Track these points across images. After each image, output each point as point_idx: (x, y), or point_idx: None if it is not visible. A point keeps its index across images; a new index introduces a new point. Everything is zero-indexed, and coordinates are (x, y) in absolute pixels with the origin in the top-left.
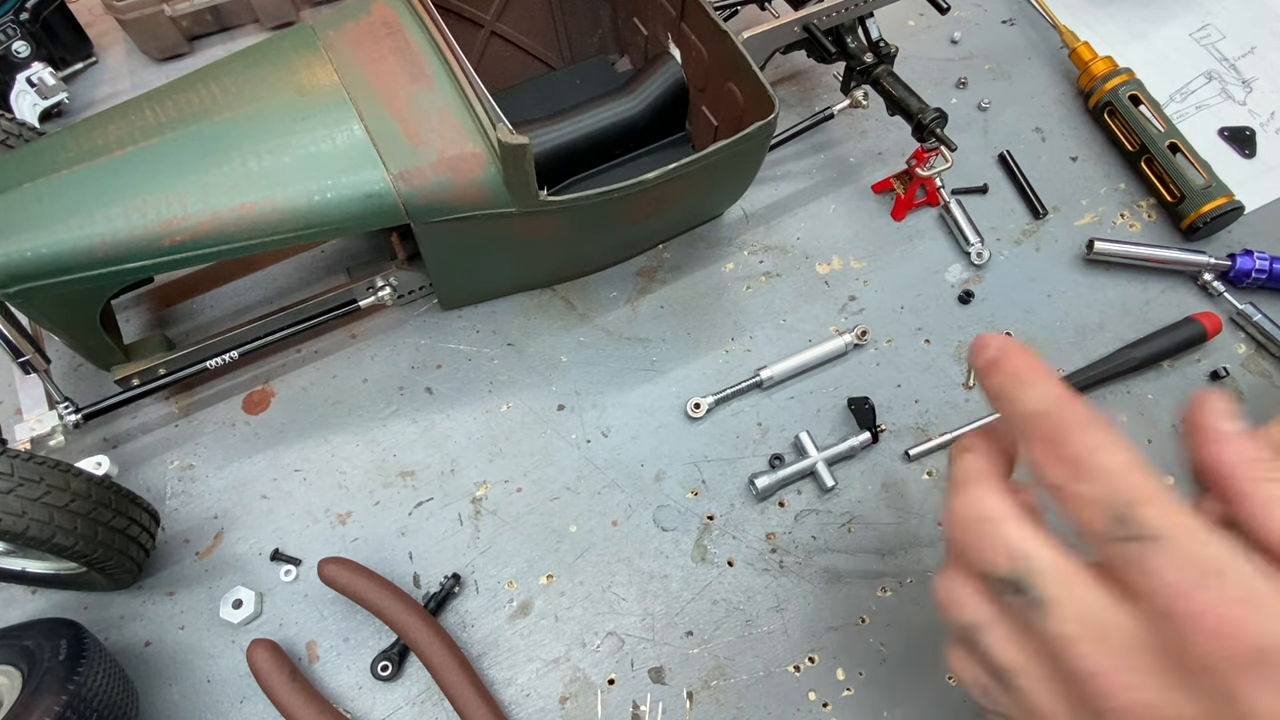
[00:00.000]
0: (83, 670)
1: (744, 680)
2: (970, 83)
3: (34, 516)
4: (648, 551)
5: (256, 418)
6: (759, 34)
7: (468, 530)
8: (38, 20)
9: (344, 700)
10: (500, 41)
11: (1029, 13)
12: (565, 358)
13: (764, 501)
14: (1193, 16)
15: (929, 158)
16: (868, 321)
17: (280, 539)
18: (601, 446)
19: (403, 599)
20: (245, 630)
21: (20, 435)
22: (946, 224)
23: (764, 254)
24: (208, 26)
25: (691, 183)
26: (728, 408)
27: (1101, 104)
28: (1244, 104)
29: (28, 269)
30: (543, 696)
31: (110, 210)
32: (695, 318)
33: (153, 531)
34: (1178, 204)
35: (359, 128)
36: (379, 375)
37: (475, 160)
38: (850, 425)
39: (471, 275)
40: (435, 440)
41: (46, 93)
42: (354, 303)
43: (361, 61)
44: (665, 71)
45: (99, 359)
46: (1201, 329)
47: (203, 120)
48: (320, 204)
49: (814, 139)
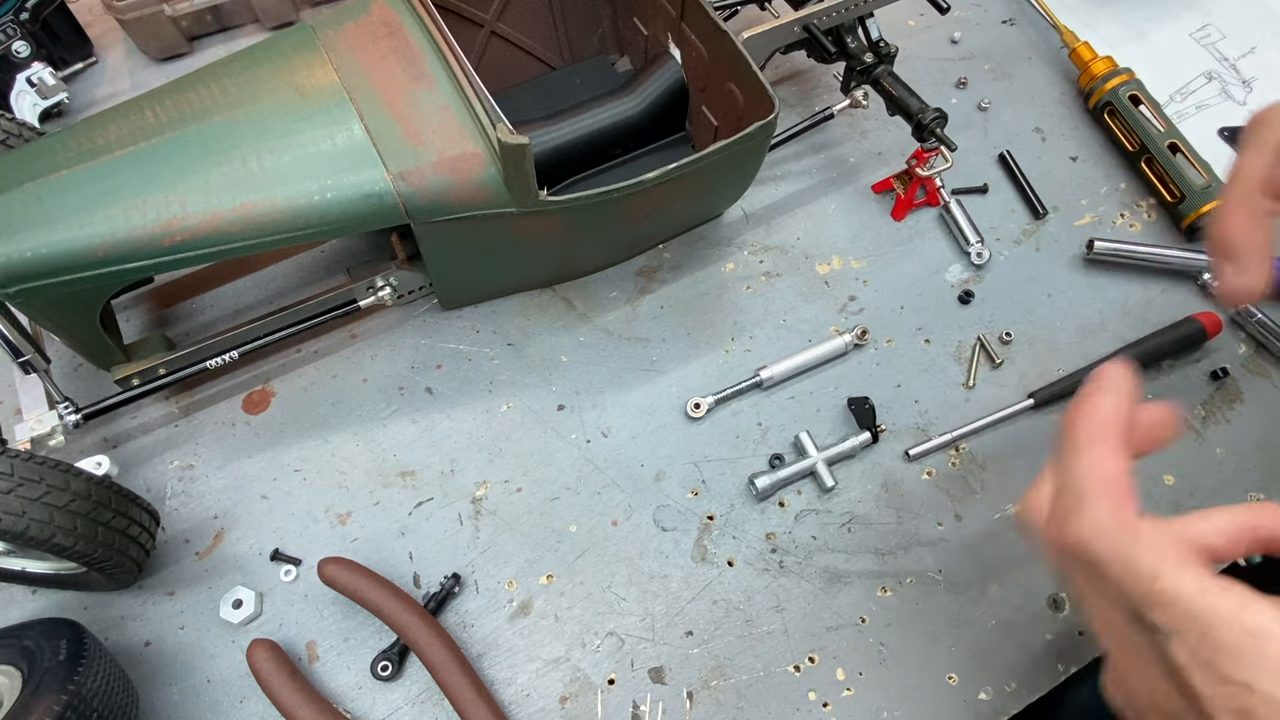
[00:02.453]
0: (83, 670)
1: (744, 680)
2: (970, 83)
3: (34, 516)
4: (648, 551)
5: (256, 418)
6: (759, 34)
7: (468, 530)
8: (38, 20)
9: (344, 700)
10: (500, 41)
11: (1029, 13)
12: (565, 358)
13: (764, 501)
14: (1193, 16)
15: (929, 158)
16: (868, 321)
17: (280, 539)
18: (601, 446)
19: (403, 599)
20: (245, 630)
21: (20, 435)
22: (946, 224)
23: (764, 254)
24: (208, 26)
25: (691, 183)
26: (728, 408)
27: (1101, 104)
28: (1244, 104)
29: (28, 269)
30: (543, 696)
31: (110, 210)
32: (695, 318)
33: (153, 531)
34: (1178, 204)
35: (359, 128)
36: (379, 375)
37: (475, 160)
38: (850, 425)
39: (471, 275)
40: (435, 440)
41: (46, 93)
42: (354, 303)
43: (361, 61)
44: (665, 71)
45: (99, 359)
46: (1201, 329)
47: (203, 120)
48: (320, 204)
49: (814, 139)
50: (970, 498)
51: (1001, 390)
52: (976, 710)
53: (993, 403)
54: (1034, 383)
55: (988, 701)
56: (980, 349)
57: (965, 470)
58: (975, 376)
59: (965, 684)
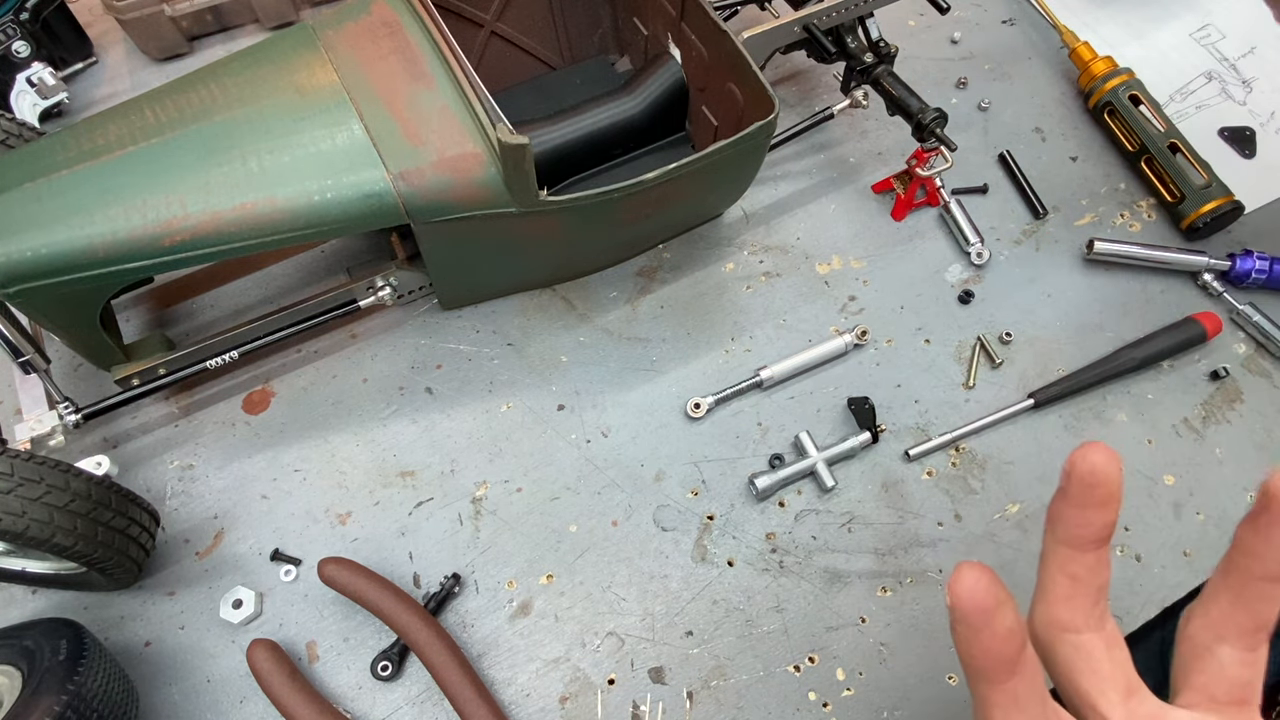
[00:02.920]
0: (83, 670)
1: (744, 680)
2: (970, 83)
3: (34, 516)
4: (648, 551)
5: (256, 418)
6: (759, 34)
7: (468, 530)
8: (38, 20)
9: (344, 700)
10: (500, 41)
11: (1029, 13)
12: (565, 358)
13: (764, 501)
14: (1193, 16)
15: (929, 158)
16: (868, 321)
17: (280, 539)
18: (601, 446)
19: (403, 599)
20: (245, 630)
21: (20, 435)
22: (946, 224)
23: (764, 254)
24: (208, 26)
25: (691, 183)
26: (728, 408)
27: (1101, 104)
28: (1244, 104)
29: (28, 269)
30: (543, 696)
31: (110, 210)
32: (695, 318)
33: (153, 531)
34: (1178, 204)
35: (359, 128)
36: (379, 375)
37: (475, 160)
38: (850, 425)
39: (471, 275)
40: (435, 440)
41: (46, 93)
42: (354, 303)
43: (361, 61)
44: (665, 71)
45: (99, 359)
46: (1201, 329)
47: (202, 120)
48: (320, 204)
49: (814, 139)
50: (970, 498)
51: (1001, 390)
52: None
53: (993, 403)
54: (1034, 383)
55: None
56: (980, 349)
57: (965, 470)
58: (975, 376)
59: (965, 684)
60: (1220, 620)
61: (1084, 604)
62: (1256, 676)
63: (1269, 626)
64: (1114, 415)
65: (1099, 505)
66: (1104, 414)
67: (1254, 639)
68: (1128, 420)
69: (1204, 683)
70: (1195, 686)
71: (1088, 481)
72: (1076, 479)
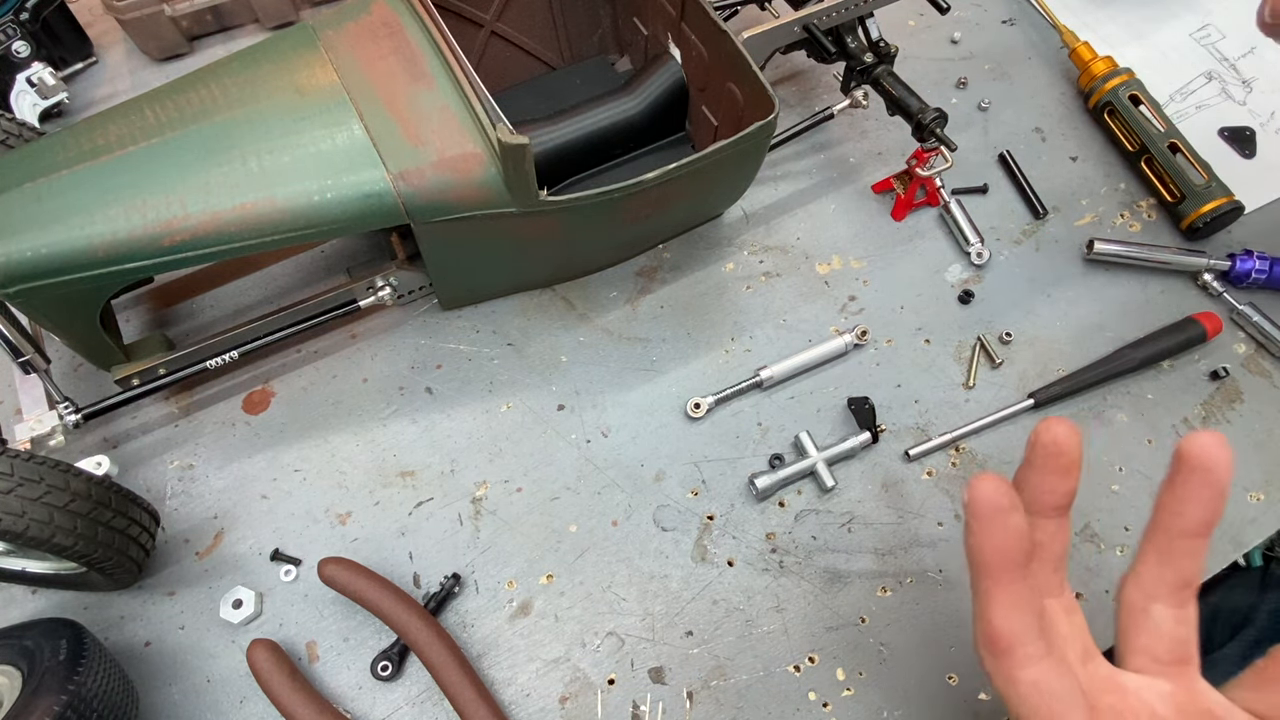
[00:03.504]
0: (83, 670)
1: (744, 680)
2: (970, 83)
3: (34, 516)
4: (648, 551)
5: (256, 418)
6: (759, 34)
7: (468, 530)
8: (38, 20)
9: (344, 700)
10: (500, 41)
11: (1029, 13)
12: (565, 358)
13: (764, 501)
14: (1193, 16)
15: (929, 158)
16: (868, 321)
17: (280, 539)
18: (601, 446)
19: (403, 599)
20: (245, 630)
21: (20, 435)
22: (946, 224)
23: (764, 254)
24: (208, 26)
25: (691, 183)
26: (728, 408)
27: (1101, 104)
28: (1244, 104)
29: (28, 269)
30: (543, 696)
31: (110, 210)
32: (695, 318)
33: (153, 531)
34: (1178, 204)
35: (359, 128)
36: (379, 375)
37: (475, 160)
38: (850, 425)
39: (471, 275)
40: (435, 440)
41: (46, 93)
42: (354, 303)
43: (361, 61)
44: (665, 71)
45: (99, 359)
46: (1201, 329)
47: (202, 120)
48: (320, 204)
49: (814, 139)
50: None
51: (1001, 390)
52: (976, 710)
53: (993, 403)
54: (1034, 383)
55: (988, 702)
56: (980, 349)
57: (965, 470)
58: (975, 376)
59: (965, 684)
60: (1150, 581)
61: (1045, 570)
62: (1191, 634)
63: (1195, 582)
64: (1114, 415)
65: (1061, 472)
66: (1104, 414)
67: (1182, 595)
68: (1128, 420)
69: (1145, 644)
70: (1138, 649)
71: (1051, 450)
72: (1041, 447)
